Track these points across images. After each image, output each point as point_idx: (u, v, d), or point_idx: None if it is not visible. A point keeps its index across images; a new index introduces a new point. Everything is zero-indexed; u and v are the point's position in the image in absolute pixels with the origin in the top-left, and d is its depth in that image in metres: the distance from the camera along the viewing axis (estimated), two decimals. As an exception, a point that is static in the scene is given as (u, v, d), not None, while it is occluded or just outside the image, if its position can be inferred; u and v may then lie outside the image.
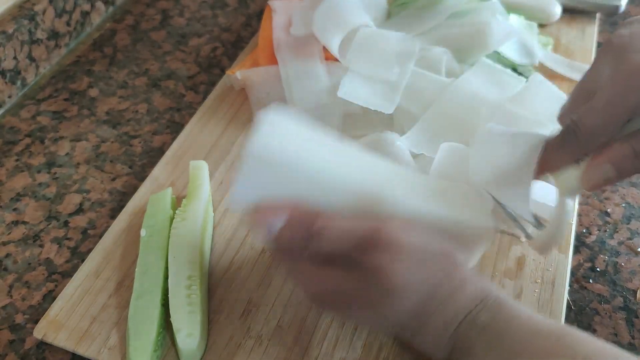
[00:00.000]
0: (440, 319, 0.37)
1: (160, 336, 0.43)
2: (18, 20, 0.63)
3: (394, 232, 0.37)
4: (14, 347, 0.45)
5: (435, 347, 0.38)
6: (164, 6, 0.78)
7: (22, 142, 0.61)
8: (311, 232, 0.36)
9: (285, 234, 0.37)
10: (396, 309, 0.37)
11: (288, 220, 0.37)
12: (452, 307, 0.37)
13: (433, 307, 0.37)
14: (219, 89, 0.64)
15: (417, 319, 0.38)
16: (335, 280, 0.37)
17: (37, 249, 0.52)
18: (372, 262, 0.36)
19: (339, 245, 0.37)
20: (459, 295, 0.37)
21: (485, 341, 0.36)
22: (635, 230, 0.54)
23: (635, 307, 0.48)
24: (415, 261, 0.36)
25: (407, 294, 0.37)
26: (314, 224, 0.36)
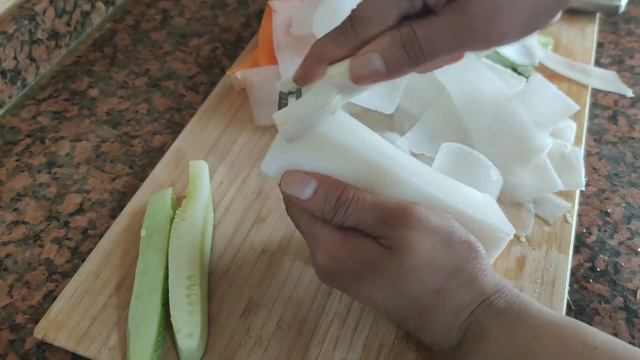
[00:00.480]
0: (455, 303, 0.37)
1: (161, 336, 0.43)
2: (18, 20, 0.63)
3: (419, 213, 0.37)
4: (14, 347, 0.45)
5: (444, 334, 0.38)
6: (164, 6, 0.78)
7: (23, 142, 0.61)
8: (341, 200, 0.37)
9: (316, 199, 0.37)
10: (414, 287, 0.37)
11: (319, 187, 0.37)
12: (468, 293, 0.37)
13: (450, 290, 0.37)
14: (219, 89, 0.64)
15: (431, 301, 0.38)
16: (357, 248, 0.38)
17: (38, 249, 0.52)
18: (398, 237, 0.36)
19: (367, 217, 0.37)
20: (477, 282, 0.38)
21: (499, 326, 0.36)
22: (635, 230, 0.54)
23: (635, 307, 0.48)
24: (441, 243, 0.37)
25: (428, 273, 0.37)
26: (344, 192, 0.37)
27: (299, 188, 0.38)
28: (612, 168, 0.59)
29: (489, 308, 0.37)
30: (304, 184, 0.38)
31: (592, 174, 0.58)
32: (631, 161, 0.60)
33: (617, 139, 0.62)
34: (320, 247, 0.39)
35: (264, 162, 0.39)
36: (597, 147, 0.61)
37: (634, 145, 0.61)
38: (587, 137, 0.62)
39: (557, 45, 0.70)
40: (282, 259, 0.49)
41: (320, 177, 0.38)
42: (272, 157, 0.39)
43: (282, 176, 0.39)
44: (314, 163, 0.39)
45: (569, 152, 0.56)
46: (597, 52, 0.71)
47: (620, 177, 0.58)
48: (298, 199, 0.38)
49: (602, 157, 0.60)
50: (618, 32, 0.75)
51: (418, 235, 0.36)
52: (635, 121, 0.64)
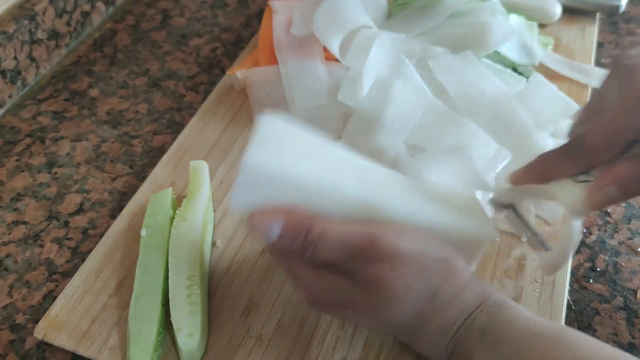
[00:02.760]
0: (438, 324, 0.38)
1: (161, 336, 0.43)
2: (18, 20, 0.63)
3: (390, 241, 0.36)
4: (14, 347, 0.45)
5: (433, 351, 0.39)
6: (165, 6, 0.78)
7: (23, 142, 0.61)
8: (307, 240, 0.37)
9: (283, 240, 0.37)
10: (395, 315, 0.37)
11: (285, 226, 0.37)
12: (450, 312, 0.37)
13: (432, 313, 0.37)
14: (219, 89, 0.64)
15: (415, 324, 0.38)
16: (332, 286, 0.38)
17: (38, 249, 0.52)
18: (369, 272, 0.36)
19: (335, 255, 0.37)
20: (458, 300, 0.37)
21: (484, 344, 0.36)
22: (635, 230, 0.54)
23: (636, 307, 0.48)
24: (413, 268, 0.37)
25: (406, 301, 0.37)
26: (310, 230, 0.37)
27: (265, 230, 0.37)
28: (612, 168, 0.59)
29: (471, 326, 0.37)
30: (270, 225, 0.37)
31: (592, 174, 0.58)
32: (631, 161, 0.60)
33: (617, 139, 0.62)
34: (298, 282, 0.39)
35: (232, 197, 0.38)
36: (597, 147, 0.61)
37: (634, 145, 0.61)
38: (587, 137, 0.62)
39: (557, 45, 0.70)
40: (282, 259, 0.49)
41: (287, 215, 0.37)
42: (239, 193, 0.38)
43: (248, 218, 0.38)
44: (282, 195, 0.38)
45: (569, 152, 0.56)
46: (597, 52, 0.71)
47: (621, 177, 0.58)
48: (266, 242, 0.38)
49: (602, 157, 0.60)
50: (618, 32, 0.75)
51: (389, 268, 0.36)
52: (636, 121, 0.64)
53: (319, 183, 0.38)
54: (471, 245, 0.41)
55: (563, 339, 0.35)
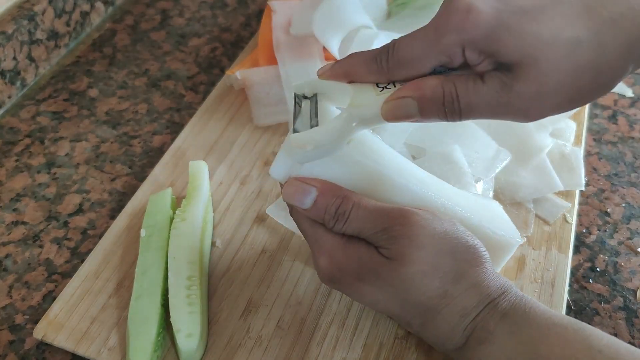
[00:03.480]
0: (462, 305, 0.37)
1: (160, 336, 0.43)
2: (18, 20, 0.63)
3: (424, 219, 0.37)
4: (14, 347, 0.45)
5: (449, 335, 0.38)
6: (164, 6, 0.78)
7: (22, 143, 0.61)
8: (341, 208, 0.37)
9: (316, 207, 0.38)
10: (416, 293, 0.37)
11: (319, 194, 0.38)
12: (474, 296, 0.37)
13: (456, 294, 0.37)
14: (218, 89, 0.64)
15: (435, 304, 0.38)
16: (359, 254, 0.38)
17: (37, 250, 0.51)
18: (399, 246, 0.36)
19: (366, 227, 0.37)
20: (483, 285, 0.38)
21: (504, 328, 0.36)
22: (635, 230, 0.54)
23: (635, 307, 0.48)
24: (446, 249, 0.37)
25: (431, 279, 0.37)
26: (344, 200, 0.37)
27: (299, 198, 0.38)
28: (611, 168, 0.59)
29: (494, 310, 0.37)
30: (304, 194, 0.38)
31: (592, 173, 0.58)
32: (631, 161, 0.60)
33: (617, 138, 0.62)
34: (322, 250, 0.39)
35: (272, 167, 0.39)
36: (597, 147, 0.61)
37: (633, 145, 0.61)
38: (587, 137, 0.62)
39: (556, 45, 0.70)
40: (282, 259, 0.49)
41: (321, 186, 0.38)
42: (280, 162, 0.39)
43: (284, 185, 0.39)
44: (320, 169, 0.39)
45: (568, 152, 0.56)
46: None
47: (620, 177, 0.58)
48: (299, 208, 0.39)
49: (602, 157, 0.60)
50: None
51: (419, 244, 0.36)
52: (635, 121, 0.64)
53: (364, 166, 0.39)
54: (496, 250, 0.41)
55: (580, 330, 0.36)
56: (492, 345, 0.36)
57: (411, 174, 0.41)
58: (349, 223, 0.37)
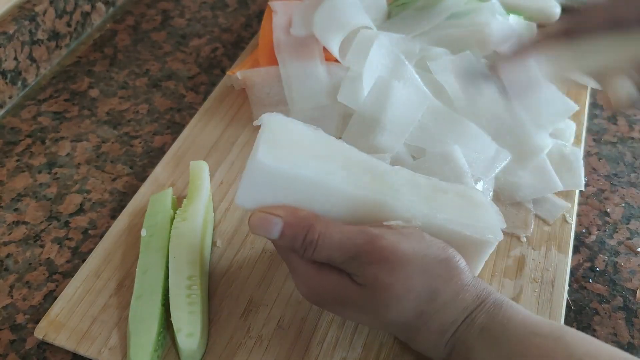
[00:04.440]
0: (438, 324, 0.38)
1: (161, 336, 0.43)
2: (19, 21, 0.63)
3: (390, 242, 0.37)
4: (14, 347, 0.45)
5: (433, 350, 0.39)
6: (165, 7, 0.79)
7: (23, 143, 0.61)
8: (307, 239, 0.37)
9: (283, 239, 0.38)
10: (394, 316, 0.38)
11: (285, 225, 0.37)
12: (450, 312, 0.38)
13: (432, 312, 0.38)
14: (219, 90, 0.64)
15: (415, 324, 0.38)
16: (333, 284, 0.38)
17: (38, 249, 0.52)
18: (369, 273, 0.37)
19: (336, 255, 0.37)
20: (458, 300, 0.38)
21: (484, 342, 0.36)
22: (634, 230, 0.54)
23: (635, 307, 0.48)
24: (414, 270, 0.37)
25: (406, 302, 0.37)
26: (310, 229, 0.37)
27: (266, 230, 0.38)
28: (611, 168, 0.59)
29: (471, 324, 0.37)
30: (270, 225, 0.38)
31: (591, 174, 0.58)
32: (630, 161, 0.60)
33: (617, 139, 0.62)
34: (299, 277, 0.40)
35: (237, 195, 0.39)
36: (597, 147, 0.61)
37: (633, 145, 0.61)
38: (587, 137, 0.62)
39: (556, 45, 0.70)
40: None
41: (285, 215, 0.38)
42: (243, 190, 0.39)
43: (249, 217, 0.38)
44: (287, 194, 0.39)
45: (568, 152, 0.56)
46: None
47: (620, 177, 0.58)
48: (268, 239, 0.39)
49: (602, 157, 0.60)
50: (618, 33, 0.75)
51: (390, 269, 0.36)
52: (635, 121, 0.64)
53: (324, 182, 0.38)
54: (475, 247, 0.41)
55: (561, 337, 0.35)
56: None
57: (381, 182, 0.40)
58: (318, 252, 0.37)
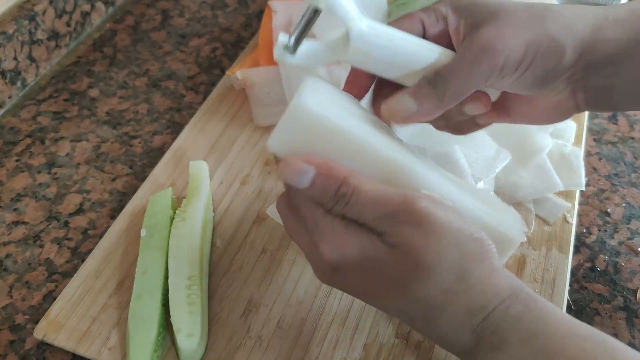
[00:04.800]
0: (466, 304, 0.35)
1: (160, 336, 0.43)
2: (18, 20, 0.63)
3: (427, 207, 0.34)
4: (14, 347, 0.45)
5: (454, 336, 0.36)
6: (164, 6, 0.78)
7: (23, 143, 0.61)
8: (341, 191, 0.35)
9: (314, 188, 0.35)
10: (420, 287, 0.35)
11: (317, 174, 0.35)
12: (481, 294, 0.35)
13: (460, 291, 0.35)
14: (219, 89, 0.64)
15: (439, 302, 0.35)
16: (360, 242, 0.35)
17: (38, 249, 0.52)
18: (402, 234, 0.34)
19: (367, 212, 0.35)
20: (489, 283, 0.35)
21: (519, 336, 0.34)
22: (635, 230, 0.54)
23: (636, 307, 0.48)
24: (447, 240, 0.34)
25: (435, 273, 0.34)
26: (344, 181, 0.35)
27: (295, 178, 0.35)
28: (612, 168, 0.59)
29: (505, 313, 0.35)
30: (301, 173, 0.35)
31: (592, 174, 0.58)
32: (631, 161, 0.60)
33: (617, 139, 0.62)
34: (324, 237, 0.36)
35: (271, 138, 0.37)
36: (597, 147, 0.61)
37: (633, 145, 0.61)
38: (587, 137, 0.62)
39: (557, 45, 0.70)
40: (282, 259, 0.49)
41: (319, 165, 0.35)
42: (278, 134, 0.37)
43: (280, 164, 0.36)
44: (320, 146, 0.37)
45: (568, 152, 0.56)
46: None
47: (620, 177, 0.58)
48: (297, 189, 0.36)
49: (602, 157, 0.60)
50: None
51: (424, 234, 0.34)
52: (635, 121, 0.64)
53: (363, 139, 0.37)
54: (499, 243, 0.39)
55: (603, 342, 0.34)
56: (504, 354, 0.34)
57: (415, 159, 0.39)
58: (350, 206, 0.35)
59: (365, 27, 0.37)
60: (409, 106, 0.37)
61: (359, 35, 0.37)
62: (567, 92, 0.40)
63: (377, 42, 0.38)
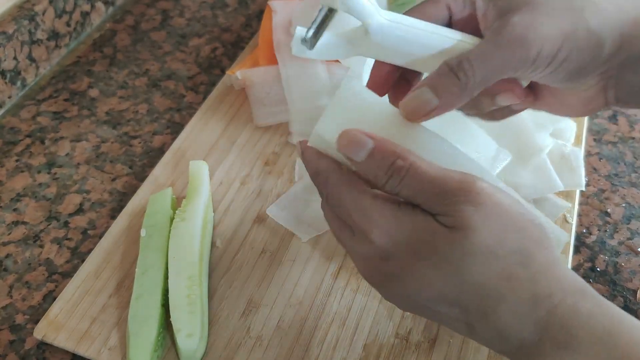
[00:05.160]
0: (531, 293, 0.32)
1: (160, 336, 0.43)
2: (18, 20, 0.63)
3: (488, 188, 0.32)
4: (14, 347, 0.45)
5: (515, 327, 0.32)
6: (164, 6, 0.78)
7: (23, 143, 0.61)
8: (397, 164, 0.33)
9: (370, 161, 0.33)
10: (476, 273, 0.32)
11: (375, 147, 0.33)
12: (546, 283, 0.32)
13: (525, 278, 0.32)
14: (219, 89, 0.64)
15: (497, 290, 0.32)
16: (415, 224, 0.33)
17: (38, 249, 0.52)
18: (462, 215, 0.31)
19: (424, 189, 0.33)
20: (556, 272, 0.32)
21: (592, 335, 0.31)
22: (635, 230, 0.54)
23: (636, 307, 0.48)
24: (511, 225, 0.32)
25: (495, 258, 0.32)
26: (401, 156, 0.33)
27: (354, 149, 0.34)
28: (612, 168, 0.59)
29: (574, 308, 0.31)
30: (359, 144, 0.34)
31: (592, 174, 0.58)
32: (631, 161, 0.60)
33: (617, 139, 0.62)
34: (373, 221, 0.33)
35: (320, 123, 0.36)
36: (597, 147, 0.61)
37: (634, 145, 0.61)
38: (587, 137, 0.62)
39: (557, 45, 0.70)
40: (282, 259, 0.49)
41: (377, 139, 0.34)
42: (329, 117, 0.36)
43: (340, 135, 0.34)
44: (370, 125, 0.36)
45: (569, 152, 0.56)
46: None
47: (621, 177, 0.58)
48: (352, 161, 0.34)
49: (602, 157, 0.60)
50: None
51: (485, 214, 0.31)
52: (636, 121, 0.64)
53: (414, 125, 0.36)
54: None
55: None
56: (575, 353, 0.31)
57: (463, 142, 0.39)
58: (406, 182, 0.33)
59: (384, 21, 0.36)
60: (430, 101, 0.34)
61: (378, 30, 0.36)
62: (597, 88, 0.38)
63: (397, 34, 0.36)
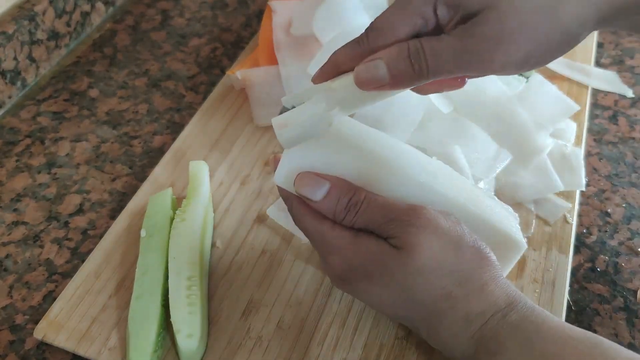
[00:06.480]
0: (465, 311, 0.36)
1: (160, 336, 0.43)
2: (18, 20, 0.63)
3: (433, 213, 0.37)
4: (14, 347, 0.45)
5: (454, 342, 0.37)
6: (164, 7, 0.78)
7: (22, 143, 0.61)
8: (352, 201, 0.38)
9: (328, 199, 0.38)
10: (422, 290, 0.37)
11: (332, 188, 0.38)
12: (479, 301, 0.36)
13: (460, 297, 0.37)
14: (219, 89, 0.64)
15: (440, 307, 0.37)
16: (369, 249, 0.37)
17: (38, 250, 0.52)
18: (408, 237, 0.36)
19: (378, 217, 0.37)
20: (488, 291, 0.37)
21: (516, 341, 0.35)
22: (635, 230, 0.54)
23: (636, 307, 0.48)
24: (450, 247, 0.37)
25: (436, 277, 0.36)
26: (356, 192, 0.38)
27: (312, 190, 0.38)
28: (612, 168, 0.59)
29: (502, 321, 0.36)
30: (317, 185, 0.38)
31: (592, 174, 0.58)
32: (631, 161, 0.60)
33: (618, 139, 0.62)
34: (331, 248, 0.39)
35: (277, 173, 0.40)
36: (598, 148, 0.61)
37: (634, 146, 0.61)
38: (588, 138, 0.62)
39: (557, 45, 0.70)
40: (282, 259, 0.49)
41: (332, 179, 0.39)
42: (283, 166, 0.39)
43: (296, 177, 0.39)
44: (326, 165, 0.39)
45: (569, 152, 0.56)
46: (597, 52, 0.71)
47: (621, 178, 0.58)
48: (310, 201, 0.39)
49: (603, 158, 0.60)
50: (618, 32, 0.75)
51: (427, 236, 0.36)
52: (636, 121, 0.64)
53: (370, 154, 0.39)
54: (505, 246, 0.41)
55: (599, 344, 0.35)
56: (502, 358, 0.35)
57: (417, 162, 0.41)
58: (360, 214, 0.38)
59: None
60: (383, 78, 0.35)
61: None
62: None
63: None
